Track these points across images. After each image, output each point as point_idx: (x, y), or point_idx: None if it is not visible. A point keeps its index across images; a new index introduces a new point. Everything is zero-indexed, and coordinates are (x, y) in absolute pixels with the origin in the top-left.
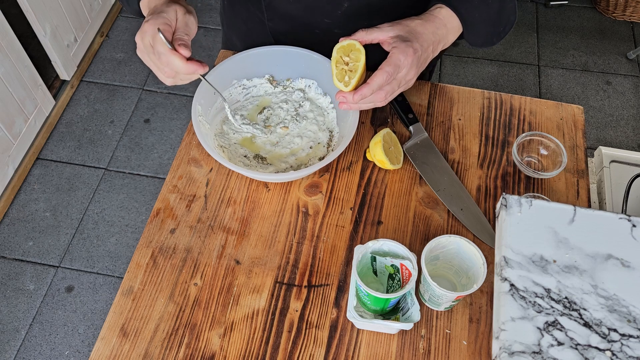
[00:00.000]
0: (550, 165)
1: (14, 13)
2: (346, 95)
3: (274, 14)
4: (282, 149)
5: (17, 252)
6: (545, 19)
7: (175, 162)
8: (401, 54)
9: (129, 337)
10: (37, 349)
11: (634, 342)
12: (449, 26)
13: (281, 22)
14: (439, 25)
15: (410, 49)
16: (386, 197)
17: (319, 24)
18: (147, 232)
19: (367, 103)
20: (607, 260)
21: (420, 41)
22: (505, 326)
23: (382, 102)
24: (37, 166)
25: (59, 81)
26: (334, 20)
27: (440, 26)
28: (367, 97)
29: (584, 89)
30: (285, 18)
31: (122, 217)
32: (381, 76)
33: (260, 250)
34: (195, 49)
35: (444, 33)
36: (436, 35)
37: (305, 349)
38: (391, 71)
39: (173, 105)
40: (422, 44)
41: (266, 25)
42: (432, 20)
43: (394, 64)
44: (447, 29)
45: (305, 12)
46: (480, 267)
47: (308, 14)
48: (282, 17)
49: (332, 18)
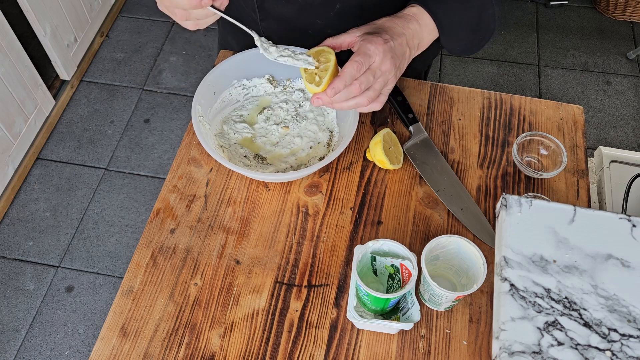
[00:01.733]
0: (550, 165)
1: (14, 13)
2: (320, 96)
3: (267, 14)
4: (282, 149)
5: (17, 252)
6: (545, 19)
7: (175, 162)
8: (369, 43)
9: (129, 337)
10: (37, 349)
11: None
12: (421, 22)
13: (274, 23)
14: (409, 19)
15: (379, 38)
16: (386, 197)
17: (312, 25)
18: (147, 232)
19: (345, 100)
20: (607, 260)
21: (390, 32)
22: (505, 326)
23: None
24: (37, 166)
25: (59, 81)
26: (326, 21)
27: (412, 21)
28: (341, 91)
29: (584, 89)
30: (278, 19)
31: (122, 217)
32: (351, 66)
33: (260, 250)
34: (195, 49)
35: (416, 28)
36: (407, 29)
37: (305, 349)
38: (361, 60)
39: (173, 105)
40: (392, 35)
41: (259, 26)
42: (400, 16)
43: (362, 53)
44: (420, 25)
45: (298, 13)
46: (480, 267)
47: (300, 15)
48: (275, 18)
49: (325, 19)
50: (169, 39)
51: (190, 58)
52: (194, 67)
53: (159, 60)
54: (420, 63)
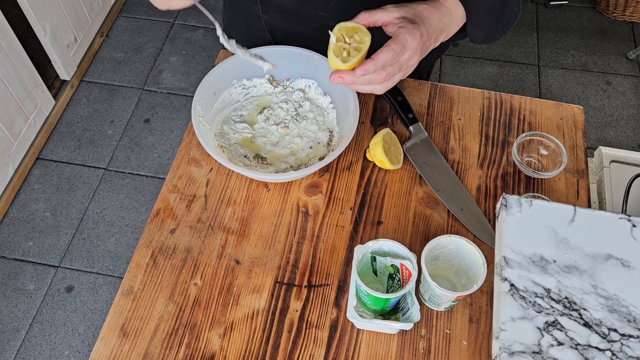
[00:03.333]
0: (550, 165)
1: (14, 13)
2: (343, 75)
3: (269, 6)
4: (282, 149)
5: (17, 252)
6: (545, 19)
7: (175, 162)
8: (409, 35)
9: (129, 337)
10: (37, 349)
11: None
12: (453, 15)
13: (276, 15)
14: (445, 13)
15: (418, 32)
16: (386, 197)
17: (314, 17)
18: (147, 232)
19: (364, 84)
20: (607, 260)
21: (427, 26)
22: (505, 326)
23: (380, 86)
24: (37, 166)
25: (59, 81)
26: (328, 12)
27: (446, 14)
28: (368, 74)
29: (584, 89)
30: (279, 10)
31: (122, 217)
32: (387, 53)
33: (260, 250)
34: (196, 49)
35: (448, 22)
36: (441, 23)
37: (305, 349)
38: (397, 50)
39: (173, 105)
40: (428, 29)
41: (262, 18)
42: (438, 7)
43: (401, 43)
44: (452, 18)
45: (299, 4)
46: (480, 267)
47: (302, 6)
48: (277, 9)
49: (326, 10)
50: (169, 39)
51: (190, 58)
52: (194, 67)
53: (159, 60)
54: (423, 63)
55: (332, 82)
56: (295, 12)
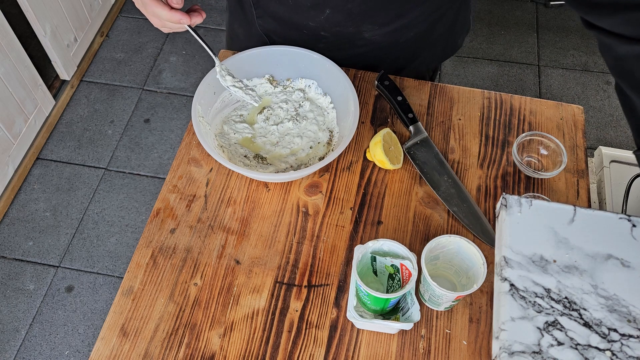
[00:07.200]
0: (550, 165)
1: (14, 13)
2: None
3: (263, 12)
4: (282, 149)
5: (17, 252)
6: (545, 19)
7: (175, 162)
8: None
9: (129, 337)
10: (37, 349)
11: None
12: None
13: (270, 20)
14: None
15: None
16: (386, 197)
17: (306, 26)
18: (147, 232)
19: None
20: (607, 260)
21: None
22: (505, 326)
23: None
24: (37, 166)
25: (59, 81)
26: (318, 24)
27: None
28: None
29: (584, 89)
30: (273, 16)
31: (122, 217)
32: None
33: (260, 250)
34: (196, 49)
35: None
36: None
37: (305, 349)
38: None
39: (173, 105)
40: None
41: (257, 23)
42: None
43: None
44: None
45: (291, 14)
46: (480, 267)
47: (293, 15)
48: (271, 15)
49: (317, 22)
50: (169, 39)
51: (190, 58)
52: (194, 67)
53: (159, 60)
54: (424, 66)
55: None
56: (288, 20)
